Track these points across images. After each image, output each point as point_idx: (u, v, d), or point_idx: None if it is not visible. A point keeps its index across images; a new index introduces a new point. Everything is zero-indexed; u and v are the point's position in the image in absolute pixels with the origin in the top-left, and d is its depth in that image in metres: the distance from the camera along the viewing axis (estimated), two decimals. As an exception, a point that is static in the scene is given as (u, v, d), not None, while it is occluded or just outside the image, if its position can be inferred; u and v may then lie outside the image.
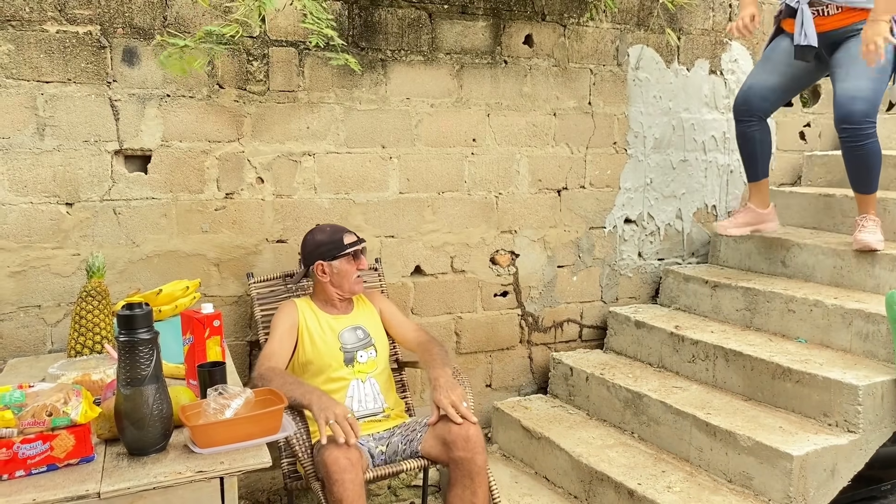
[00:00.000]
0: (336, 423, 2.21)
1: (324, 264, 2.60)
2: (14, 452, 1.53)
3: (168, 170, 2.75)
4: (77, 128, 2.61)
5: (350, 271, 2.61)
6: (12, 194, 2.55)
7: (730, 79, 3.85)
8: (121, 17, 2.63)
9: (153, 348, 1.66)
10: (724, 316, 3.37)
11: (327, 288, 2.64)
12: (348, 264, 2.61)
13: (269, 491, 3.03)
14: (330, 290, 2.64)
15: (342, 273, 2.61)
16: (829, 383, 2.61)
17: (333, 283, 2.63)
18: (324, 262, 2.60)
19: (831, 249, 3.23)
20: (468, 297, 3.37)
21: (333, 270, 2.61)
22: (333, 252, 2.60)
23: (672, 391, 3.01)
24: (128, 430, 1.65)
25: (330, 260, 2.60)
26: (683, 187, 3.80)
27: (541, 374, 3.60)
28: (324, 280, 2.62)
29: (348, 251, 2.60)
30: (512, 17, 3.28)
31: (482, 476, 2.37)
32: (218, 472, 1.62)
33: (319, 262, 2.61)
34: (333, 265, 2.60)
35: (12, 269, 2.58)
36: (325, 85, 2.96)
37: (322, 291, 2.66)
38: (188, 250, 2.81)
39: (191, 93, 2.75)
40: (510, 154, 3.36)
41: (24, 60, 2.52)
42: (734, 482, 2.61)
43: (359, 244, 2.64)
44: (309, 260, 2.64)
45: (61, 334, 2.66)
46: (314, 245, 2.64)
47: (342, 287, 2.63)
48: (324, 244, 2.62)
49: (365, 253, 2.71)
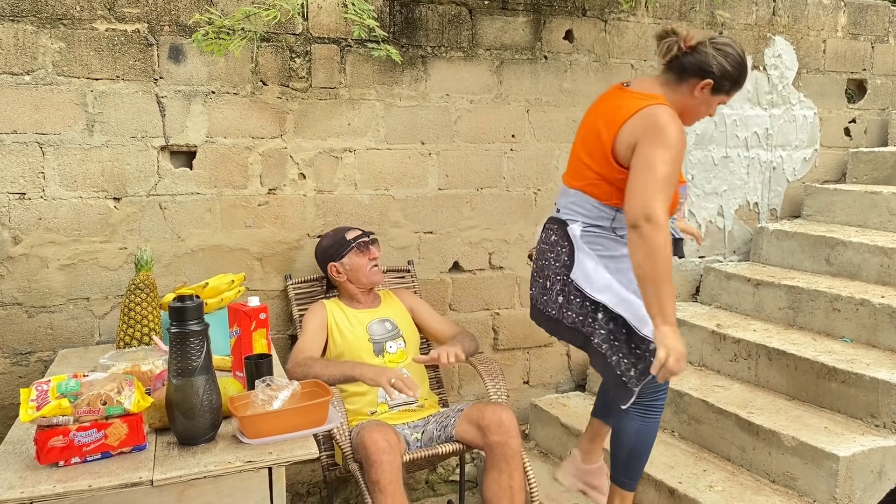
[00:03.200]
0: (398, 381, 2.32)
1: (335, 265, 2.71)
2: (70, 440, 1.57)
3: (212, 165, 2.79)
4: (125, 124, 2.66)
5: (362, 263, 2.69)
6: (63, 189, 2.61)
7: (773, 74, 3.79)
8: (167, 14, 2.67)
9: (203, 340, 1.69)
10: (767, 314, 3.32)
11: (347, 286, 2.73)
12: (358, 257, 2.69)
13: (308, 483, 3.06)
14: (350, 287, 2.73)
15: (355, 266, 2.69)
16: (877, 383, 2.57)
17: (351, 279, 2.71)
18: (335, 263, 2.71)
19: (878, 247, 3.16)
20: (506, 294, 3.37)
21: (346, 267, 2.70)
22: (340, 251, 2.70)
23: (713, 390, 2.97)
24: (178, 420, 1.68)
25: (339, 259, 2.70)
26: (725, 184, 3.76)
27: (579, 372, 3.58)
28: (341, 279, 2.72)
29: (353, 245, 2.69)
30: (552, 13, 3.27)
31: (517, 459, 2.39)
32: (267, 462, 1.64)
33: (332, 264, 2.71)
34: (344, 262, 2.70)
35: (62, 263, 2.64)
36: (366, 81, 2.98)
37: (345, 290, 2.76)
38: (232, 245, 2.85)
39: (235, 90, 2.78)
40: (549, 150, 3.35)
41: (74, 58, 2.58)
42: (777, 482, 2.57)
43: (364, 237, 2.72)
44: (323, 265, 2.76)
45: (108, 326, 2.72)
46: (322, 251, 2.77)
47: (359, 280, 2.71)
48: (330, 247, 2.74)
49: (376, 244, 2.76)
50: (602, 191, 2.17)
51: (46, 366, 2.61)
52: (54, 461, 1.57)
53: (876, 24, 4.06)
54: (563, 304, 2.22)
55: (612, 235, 2.21)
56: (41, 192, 2.59)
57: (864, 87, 4.10)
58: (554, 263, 2.24)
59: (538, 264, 2.33)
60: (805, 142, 3.95)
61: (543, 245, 2.31)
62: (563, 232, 2.23)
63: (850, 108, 4.08)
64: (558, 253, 2.23)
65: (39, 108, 2.55)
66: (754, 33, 3.73)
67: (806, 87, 3.91)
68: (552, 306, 2.25)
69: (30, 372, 2.64)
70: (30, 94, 2.54)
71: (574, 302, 2.19)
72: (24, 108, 2.54)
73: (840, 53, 3.98)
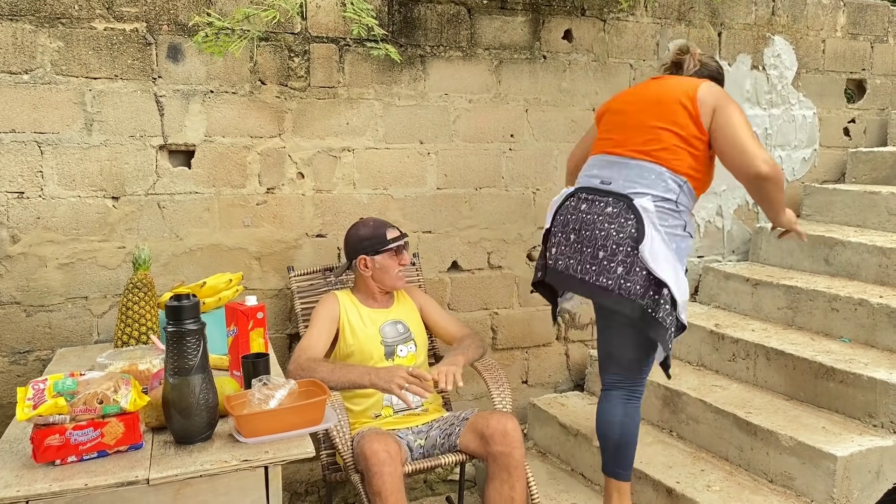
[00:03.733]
0: (410, 387, 2.29)
1: (367, 259, 2.62)
2: (67, 439, 1.57)
3: (211, 165, 2.79)
4: (123, 123, 2.66)
5: (392, 266, 2.63)
6: (61, 188, 2.61)
7: (772, 74, 3.79)
8: (166, 14, 2.67)
9: (200, 339, 1.69)
10: (765, 314, 3.32)
11: (368, 282, 2.66)
12: (391, 259, 2.62)
13: (307, 482, 3.06)
14: (371, 285, 2.66)
15: (384, 268, 2.62)
16: (875, 383, 2.57)
17: (375, 278, 2.64)
18: (367, 257, 2.62)
19: (877, 248, 3.16)
20: (504, 293, 3.37)
21: (376, 265, 2.62)
22: (377, 247, 2.61)
23: (711, 389, 2.97)
24: (175, 419, 1.68)
25: (373, 255, 2.61)
26: (724, 184, 3.75)
27: (577, 372, 3.58)
28: (366, 274, 2.64)
29: (391, 246, 2.61)
30: (551, 12, 3.27)
31: (520, 470, 2.37)
32: (263, 461, 1.65)
33: (362, 257, 2.62)
34: (376, 260, 2.62)
35: (61, 262, 2.64)
36: (364, 81, 2.98)
37: (363, 285, 2.68)
38: (230, 244, 2.85)
39: (233, 89, 2.78)
40: (548, 150, 3.35)
41: (73, 57, 2.58)
42: (775, 482, 2.57)
43: (401, 239, 2.65)
44: (352, 254, 2.66)
45: (106, 325, 2.72)
46: (357, 239, 2.65)
47: (383, 282, 2.65)
48: (367, 239, 2.63)
49: (408, 248, 2.71)
50: (678, 157, 2.31)
51: (44, 364, 2.61)
52: (51, 460, 1.57)
53: (875, 24, 4.05)
54: (623, 275, 2.25)
55: (675, 209, 2.32)
56: (39, 191, 2.59)
57: (864, 86, 4.10)
58: (617, 235, 2.27)
59: (582, 234, 2.35)
60: (804, 142, 3.95)
61: (593, 216, 2.34)
62: (627, 205, 2.28)
63: (850, 108, 4.08)
64: (621, 224, 2.27)
65: (38, 107, 2.56)
66: (753, 33, 3.73)
67: (805, 87, 3.91)
68: (606, 276, 2.28)
69: (28, 371, 2.64)
70: (28, 93, 2.54)
71: (638, 275, 2.23)
72: (23, 107, 2.54)
73: (839, 53, 3.98)
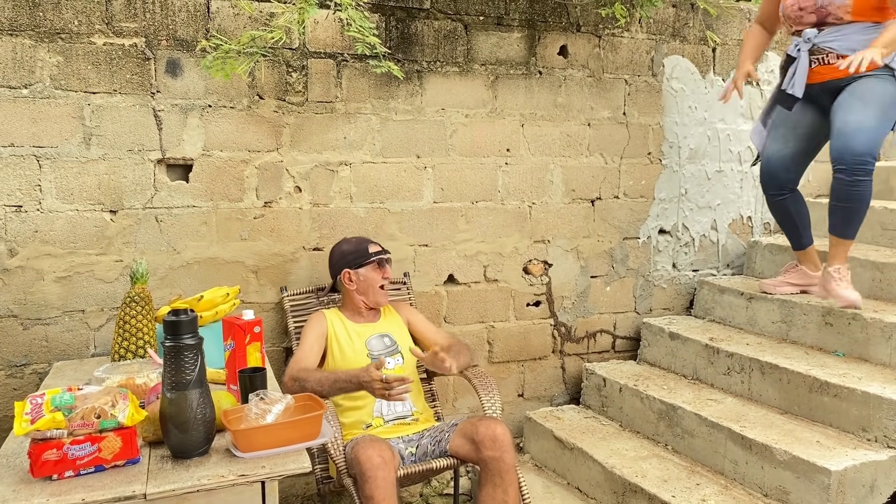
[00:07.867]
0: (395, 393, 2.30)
1: (350, 272, 2.70)
2: (64, 453, 1.58)
3: (209, 178, 2.81)
4: (122, 137, 2.68)
5: (375, 279, 2.70)
6: (59, 202, 2.62)
7: (766, 90, 3.82)
8: (165, 29, 2.69)
9: (198, 354, 1.70)
10: (760, 328, 3.34)
11: (354, 297, 2.73)
12: (374, 272, 2.70)
13: (302, 496, 3.06)
14: (356, 299, 2.73)
15: (368, 280, 2.70)
16: (868, 398, 2.58)
17: (360, 291, 2.71)
18: (350, 270, 2.70)
19: (870, 262, 3.19)
20: (501, 307, 3.38)
21: (360, 278, 2.70)
22: (359, 260, 2.70)
23: (706, 403, 2.98)
24: (172, 434, 1.69)
25: (356, 268, 2.70)
26: (719, 198, 3.78)
27: (573, 385, 3.59)
28: (350, 288, 2.72)
29: (373, 259, 2.70)
30: (547, 28, 3.30)
31: (511, 474, 2.40)
32: (260, 475, 1.65)
33: (346, 271, 2.71)
34: (360, 273, 2.70)
35: (58, 275, 2.65)
36: (362, 96, 3.00)
37: (349, 301, 2.75)
38: (227, 257, 2.86)
39: (231, 103, 2.80)
40: (544, 164, 3.37)
41: (72, 72, 2.59)
42: (770, 496, 2.58)
43: (383, 254, 2.73)
44: (336, 269, 2.75)
45: (104, 338, 2.72)
46: (340, 255, 2.75)
47: (367, 295, 2.72)
48: (349, 253, 2.73)
49: (390, 264, 2.79)
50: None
51: (41, 378, 2.61)
52: (48, 474, 1.58)
53: (868, 41, 4.08)
54: None
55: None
56: (38, 205, 2.60)
57: (857, 102, 4.12)
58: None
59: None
60: (798, 156, 3.97)
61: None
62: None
63: (843, 123, 4.10)
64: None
65: (37, 121, 2.57)
66: (747, 49, 3.76)
67: (799, 102, 3.94)
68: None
69: (24, 384, 2.64)
70: (27, 108, 2.56)
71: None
72: (22, 121, 2.56)
73: (832, 69, 4.01)
